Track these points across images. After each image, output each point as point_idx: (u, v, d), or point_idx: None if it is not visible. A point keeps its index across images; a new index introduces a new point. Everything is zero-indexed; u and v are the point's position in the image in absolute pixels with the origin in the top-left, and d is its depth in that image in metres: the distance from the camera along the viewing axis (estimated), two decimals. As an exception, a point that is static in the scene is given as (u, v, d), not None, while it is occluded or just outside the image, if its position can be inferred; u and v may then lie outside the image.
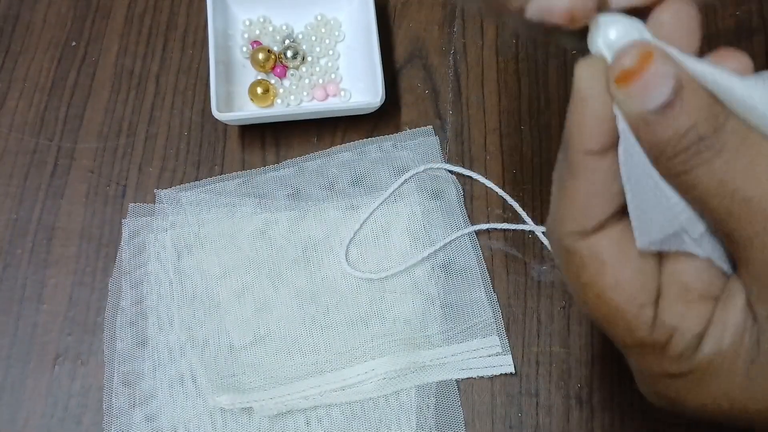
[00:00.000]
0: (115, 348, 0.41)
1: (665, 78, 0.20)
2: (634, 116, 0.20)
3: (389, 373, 0.40)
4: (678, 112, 0.20)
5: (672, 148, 0.20)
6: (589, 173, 0.22)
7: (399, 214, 0.44)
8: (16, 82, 0.47)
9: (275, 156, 0.46)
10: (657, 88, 0.20)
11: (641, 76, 0.20)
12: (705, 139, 0.20)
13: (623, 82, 0.20)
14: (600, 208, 0.22)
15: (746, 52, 0.51)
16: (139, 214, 0.44)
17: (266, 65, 0.46)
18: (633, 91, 0.20)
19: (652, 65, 0.20)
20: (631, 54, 0.20)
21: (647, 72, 0.20)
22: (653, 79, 0.20)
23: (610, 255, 0.22)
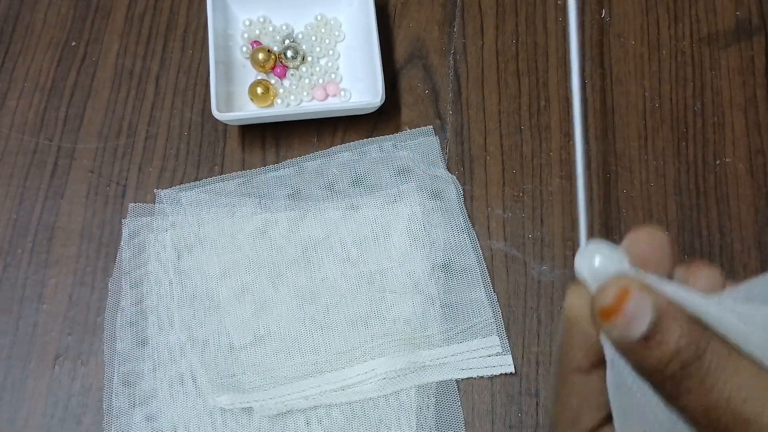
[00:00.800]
0: (115, 348, 0.41)
1: (644, 311, 0.21)
2: (620, 344, 0.21)
3: (389, 373, 0.40)
4: (659, 342, 0.20)
5: (660, 374, 0.21)
6: (578, 387, 0.24)
7: (399, 214, 0.44)
8: (16, 82, 0.47)
9: (275, 156, 0.46)
10: (637, 321, 0.21)
11: (621, 312, 0.21)
12: (688, 366, 0.20)
13: (605, 318, 0.21)
14: (590, 417, 0.24)
15: (746, 52, 0.51)
16: (139, 214, 0.44)
17: (266, 65, 0.46)
18: (615, 325, 0.21)
19: (630, 301, 0.21)
20: (610, 291, 0.21)
21: (626, 307, 0.21)
22: (632, 314, 0.21)
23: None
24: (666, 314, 0.21)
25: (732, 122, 0.46)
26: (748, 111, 0.47)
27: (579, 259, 0.23)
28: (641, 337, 0.21)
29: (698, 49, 0.48)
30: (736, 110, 0.47)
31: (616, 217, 0.44)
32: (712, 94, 0.47)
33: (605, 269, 0.23)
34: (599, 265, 0.23)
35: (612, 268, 0.22)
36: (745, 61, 0.48)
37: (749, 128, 0.46)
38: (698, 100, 0.47)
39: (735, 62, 0.48)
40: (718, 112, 0.47)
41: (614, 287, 0.22)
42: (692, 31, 0.49)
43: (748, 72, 0.48)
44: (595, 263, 0.23)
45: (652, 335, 0.21)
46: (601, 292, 0.22)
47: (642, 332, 0.21)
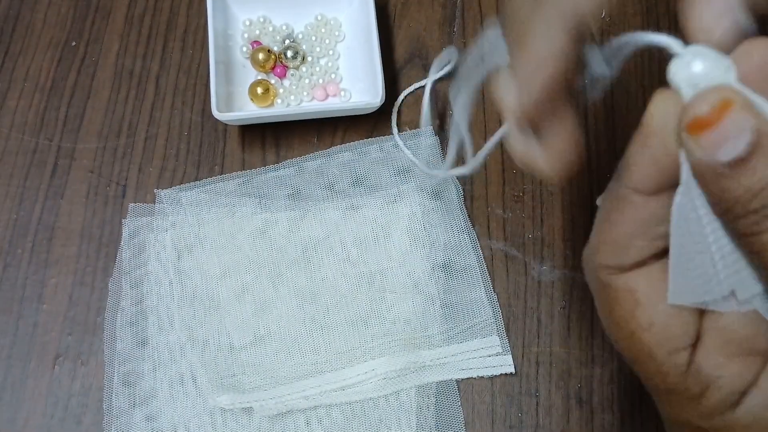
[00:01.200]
0: (115, 348, 0.41)
1: (743, 131, 0.18)
2: (703, 166, 0.19)
3: (389, 373, 0.40)
4: (752, 170, 0.18)
5: (741, 207, 0.18)
6: (637, 211, 0.21)
7: (399, 214, 0.44)
8: (16, 82, 0.47)
9: (275, 156, 0.46)
10: (732, 140, 0.18)
11: (716, 127, 0.18)
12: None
13: (695, 131, 0.19)
14: (641, 247, 0.21)
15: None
16: (139, 214, 0.44)
17: (266, 65, 0.46)
18: (705, 141, 0.18)
19: (730, 115, 0.18)
20: (709, 100, 0.18)
21: (723, 122, 0.18)
22: (729, 131, 0.18)
23: (645, 294, 0.21)
24: (765, 140, 0.18)
25: (732, 122, 0.46)
26: (748, 111, 0.47)
27: (676, 61, 0.20)
28: (731, 161, 0.18)
29: (698, 49, 0.48)
30: (736, 110, 0.47)
31: (616, 217, 0.44)
32: (712, 94, 0.47)
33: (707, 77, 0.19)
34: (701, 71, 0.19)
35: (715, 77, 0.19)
36: (745, 61, 0.48)
37: (749, 128, 0.46)
38: (698, 100, 0.47)
39: (735, 62, 0.48)
40: (718, 112, 0.47)
41: (715, 96, 0.18)
42: (692, 31, 0.49)
43: (748, 72, 0.47)
44: (695, 68, 0.19)
45: (744, 162, 0.18)
46: (697, 99, 0.19)
47: (734, 156, 0.18)
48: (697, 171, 0.19)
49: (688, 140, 0.19)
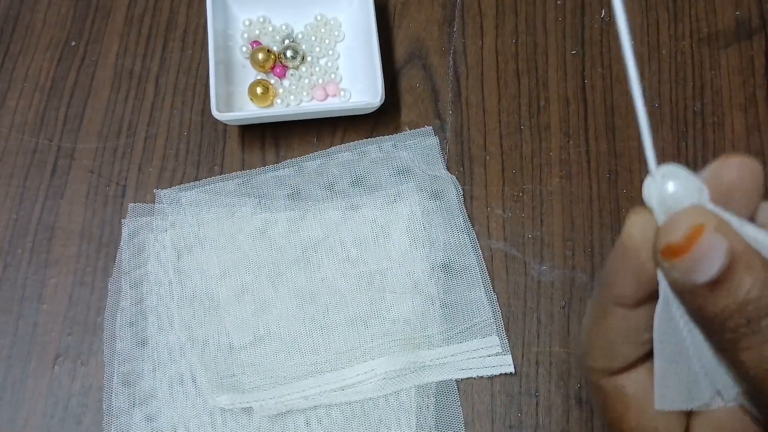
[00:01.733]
0: (115, 348, 0.41)
1: (716, 255, 0.18)
2: (680, 286, 0.19)
3: (389, 373, 0.40)
4: (727, 291, 0.18)
5: (719, 325, 0.18)
6: (621, 321, 0.21)
7: (399, 214, 0.44)
8: (16, 82, 0.47)
9: (275, 156, 0.46)
10: (707, 263, 0.18)
11: (689, 252, 0.18)
12: (754, 321, 0.18)
13: (669, 256, 0.19)
14: (628, 352, 0.22)
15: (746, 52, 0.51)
16: (138, 214, 0.44)
17: (266, 65, 0.46)
18: (679, 266, 0.19)
19: (702, 240, 0.18)
20: (681, 226, 0.19)
21: (696, 247, 0.18)
22: (703, 255, 0.18)
23: (634, 396, 0.21)
24: (740, 260, 0.18)
25: (732, 122, 0.46)
26: (748, 111, 0.47)
27: (649, 183, 0.20)
28: (706, 282, 0.18)
29: (698, 49, 0.48)
30: (736, 110, 0.47)
31: (616, 217, 0.44)
32: (712, 94, 0.47)
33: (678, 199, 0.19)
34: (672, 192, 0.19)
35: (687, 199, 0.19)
36: (745, 61, 0.48)
37: (749, 128, 0.46)
38: (698, 100, 0.47)
39: (735, 62, 0.48)
40: (718, 112, 0.47)
41: (686, 222, 0.19)
42: (692, 31, 0.49)
43: (748, 72, 0.47)
44: (668, 189, 0.20)
45: (720, 283, 0.18)
46: (669, 226, 0.19)
47: (709, 278, 0.18)
48: (675, 290, 0.19)
49: (664, 263, 0.19)
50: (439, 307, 0.42)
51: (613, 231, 0.44)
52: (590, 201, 0.45)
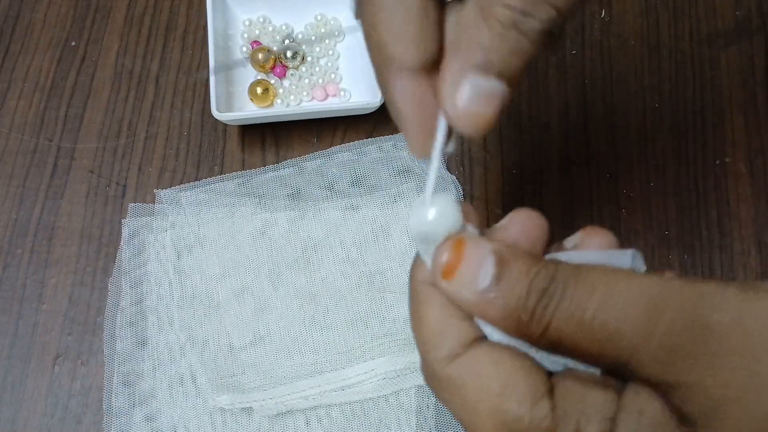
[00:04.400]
0: (115, 348, 0.41)
1: (485, 255, 0.20)
2: (475, 301, 0.21)
3: (389, 373, 0.40)
4: (512, 279, 0.20)
5: (524, 313, 0.20)
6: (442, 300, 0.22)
7: (399, 214, 0.44)
8: (16, 82, 0.47)
9: (275, 156, 0.46)
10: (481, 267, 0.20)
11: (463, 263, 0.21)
12: (546, 290, 0.20)
13: (449, 276, 0.21)
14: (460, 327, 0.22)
15: (746, 52, 0.51)
16: (139, 214, 0.44)
17: (266, 65, 0.46)
18: (461, 279, 0.21)
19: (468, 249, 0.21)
20: (445, 247, 0.21)
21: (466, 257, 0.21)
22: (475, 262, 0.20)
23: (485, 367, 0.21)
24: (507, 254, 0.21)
25: (732, 122, 0.46)
26: (748, 111, 0.47)
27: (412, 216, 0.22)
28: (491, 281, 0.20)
29: (698, 49, 0.48)
30: (736, 110, 0.47)
31: (616, 217, 0.44)
32: (712, 94, 0.47)
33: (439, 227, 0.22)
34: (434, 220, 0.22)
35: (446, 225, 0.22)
36: (745, 61, 0.48)
37: (749, 128, 0.46)
38: (698, 100, 0.47)
39: (735, 62, 0.48)
40: (718, 112, 0.47)
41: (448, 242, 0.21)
42: (692, 31, 0.49)
43: (748, 72, 0.48)
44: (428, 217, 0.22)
45: (501, 277, 0.20)
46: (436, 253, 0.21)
47: (491, 277, 0.20)
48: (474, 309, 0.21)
49: (450, 285, 0.21)
50: (439, 307, 0.42)
51: (612, 231, 0.44)
52: (590, 201, 0.45)
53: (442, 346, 0.22)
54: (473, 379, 0.21)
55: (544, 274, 0.20)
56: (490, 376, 0.21)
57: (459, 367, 0.21)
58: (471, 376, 0.21)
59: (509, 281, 0.20)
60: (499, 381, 0.21)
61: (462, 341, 0.22)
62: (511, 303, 0.20)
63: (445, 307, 0.22)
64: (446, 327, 0.22)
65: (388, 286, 0.42)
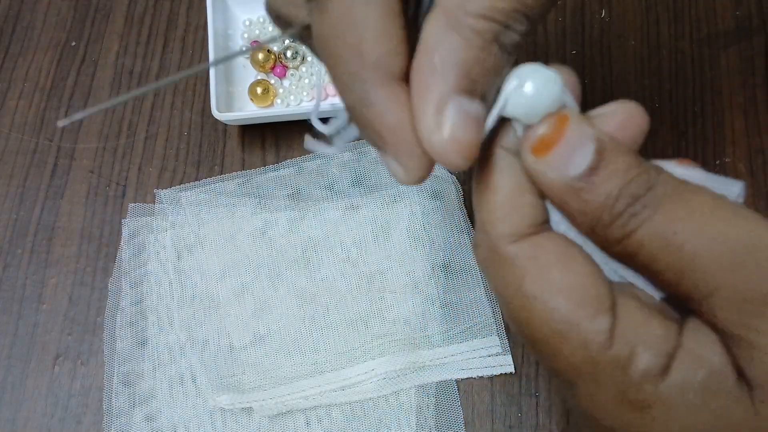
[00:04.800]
0: (115, 348, 0.41)
1: (586, 141, 0.19)
2: (558, 187, 0.19)
3: (389, 373, 0.40)
4: (606, 175, 0.18)
5: (608, 214, 0.18)
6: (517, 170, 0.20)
7: (399, 214, 0.44)
8: (16, 82, 0.47)
9: (275, 156, 0.46)
10: (579, 152, 0.18)
11: (560, 143, 0.19)
12: (640, 198, 0.18)
13: (541, 152, 0.19)
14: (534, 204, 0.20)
15: (746, 52, 0.51)
16: (139, 214, 0.44)
17: (266, 65, 0.46)
18: (553, 160, 0.19)
19: (570, 129, 0.19)
20: (546, 120, 0.19)
21: (566, 137, 0.19)
22: (574, 144, 0.19)
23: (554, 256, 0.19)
24: (610, 145, 0.19)
25: (732, 122, 0.46)
26: (748, 111, 0.47)
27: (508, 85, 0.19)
28: (584, 171, 0.18)
29: (698, 49, 0.48)
30: (736, 110, 0.47)
31: (616, 217, 0.44)
32: (712, 94, 0.47)
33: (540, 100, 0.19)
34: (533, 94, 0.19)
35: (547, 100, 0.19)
36: (745, 61, 0.48)
37: (749, 128, 0.46)
38: (698, 100, 0.47)
39: (735, 62, 0.48)
40: (718, 112, 0.47)
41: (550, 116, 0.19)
42: (692, 31, 0.49)
43: (748, 72, 0.47)
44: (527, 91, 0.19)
45: (596, 170, 0.18)
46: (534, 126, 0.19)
47: (585, 167, 0.18)
48: (555, 195, 0.19)
49: (538, 164, 0.19)
50: (439, 307, 0.42)
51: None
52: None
53: (511, 220, 0.19)
54: (537, 267, 0.19)
55: (644, 180, 0.18)
56: (557, 270, 0.19)
57: (524, 249, 0.19)
58: (536, 263, 0.19)
59: (604, 176, 0.18)
60: (564, 279, 0.19)
61: (533, 220, 0.20)
62: (599, 200, 0.18)
63: (523, 179, 0.20)
64: (520, 201, 0.20)
65: (388, 286, 0.42)
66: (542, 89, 0.19)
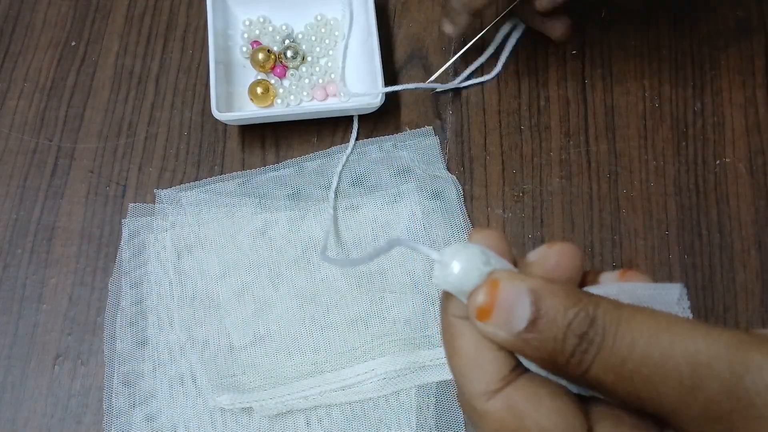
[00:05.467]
0: (115, 348, 0.41)
1: (520, 296, 0.20)
2: (510, 341, 0.20)
3: (389, 373, 0.40)
4: (547, 321, 0.19)
5: (561, 356, 0.19)
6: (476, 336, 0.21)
7: (399, 214, 0.44)
8: (16, 82, 0.47)
9: (275, 156, 0.46)
10: (517, 307, 0.20)
11: (498, 305, 0.20)
12: (585, 335, 0.19)
13: (485, 318, 0.20)
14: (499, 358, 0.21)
15: (746, 52, 0.51)
16: (139, 214, 0.44)
17: (266, 65, 0.46)
18: (497, 321, 0.20)
19: (503, 291, 0.20)
20: (480, 290, 0.20)
21: (501, 299, 0.20)
22: (510, 302, 0.20)
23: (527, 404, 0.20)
24: (544, 293, 0.20)
25: (732, 122, 0.46)
26: (748, 111, 0.47)
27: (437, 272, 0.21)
28: (527, 323, 0.20)
29: (698, 49, 0.48)
30: (736, 110, 0.47)
31: (616, 217, 0.44)
32: (712, 94, 0.47)
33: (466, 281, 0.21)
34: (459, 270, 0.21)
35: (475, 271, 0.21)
36: (745, 61, 0.48)
37: (749, 128, 0.46)
38: (698, 100, 0.47)
39: (735, 62, 0.48)
40: (718, 112, 0.47)
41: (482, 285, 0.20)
42: (692, 31, 0.49)
43: (748, 72, 0.47)
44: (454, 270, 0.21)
45: (537, 318, 0.19)
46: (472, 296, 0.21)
47: (528, 318, 0.20)
48: (510, 348, 0.20)
49: (486, 327, 0.20)
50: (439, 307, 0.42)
51: (612, 231, 0.44)
52: (590, 201, 0.45)
53: (480, 380, 0.21)
54: (512, 418, 0.21)
55: (583, 317, 0.19)
56: (530, 416, 0.20)
57: (497, 403, 0.21)
58: (510, 414, 0.21)
59: (546, 323, 0.20)
60: (538, 423, 0.20)
61: (500, 374, 0.21)
62: (548, 346, 0.20)
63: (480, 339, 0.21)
64: (483, 360, 0.21)
65: (388, 286, 0.42)
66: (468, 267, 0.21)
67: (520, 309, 0.20)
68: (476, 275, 0.21)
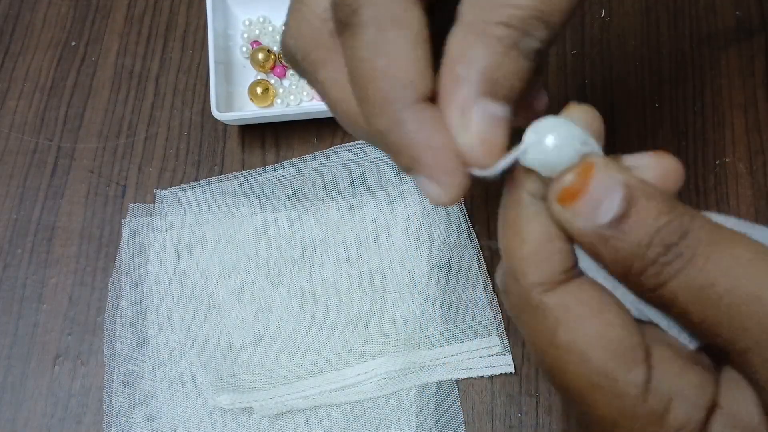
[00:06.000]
0: (115, 348, 0.41)
1: (613, 188, 0.18)
2: (587, 235, 0.18)
3: (389, 373, 0.40)
4: (636, 222, 0.18)
5: (639, 263, 0.18)
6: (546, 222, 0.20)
7: (399, 214, 0.44)
8: (16, 82, 0.47)
9: (275, 156, 0.46)
10: (606, 200, 0.18)
11: (586, 191, 0.18)
12: (673, 246, 0.17)
13: (567, 201, 0.18)
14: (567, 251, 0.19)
15: (746, 52, 0.51)
16: (139, 214, 0.44)
17: (266, 65, 0.46)
18: (580, 209, 0.18)
19: (595, 177, 0.18)
20: (571, 170, 0.19)
21: (592, 185, 0.18)
22: (600, 192, 0.18)
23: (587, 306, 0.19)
24: (639, 192, 0.18)
25: (732, 122, 0.46)
26: (748, 111, 0.47)
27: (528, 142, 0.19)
28: (613, 219, 0.18)
29: (698, 49, 0.48)
30: (736, 110, 0.47)
31: (616, 217, 0.44)
32: (712, 94, 0.47)
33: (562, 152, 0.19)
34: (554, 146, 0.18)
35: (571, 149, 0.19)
36: (745, 61, 0.48)
37: (749, 128, 0.46)
38: (698, 100, 0.47)
39: (735, 62, 0.48)
40: (718, 112, 0.47)
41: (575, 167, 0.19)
42: (692, 31, 0.49)
43: (748, 72, 0.47)
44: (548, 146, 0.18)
45: (625, 217, 0.18)
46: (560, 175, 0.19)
47: (613, 214, 0.18)
48: (585, 242, 0.19)
49: (564, 212, 0.19)
50: (439, 307, 0.42)
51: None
52: (590, 201, 0.45)
53: (541, 269, 0.19)
54: (571, 317, 0.19)
55: (675, 226, 0.18)
56: (591, 321, 0.18)
57: (557, 299, 0.19)
58: (569, 313, 0.19)
59: (633, 224, 0.18)
60: (599, 330, 0.18)
61: (563, 268, 0.19)
62: (628, 248, 0.18)
63: (551, 226, 0.19)
64: (549, 249, 0.19)
65: (388, 286, 0.42)
66: (563, 145, 0.18)
67: (610, 201, 0.18)
68: (571, 154, 0.19)
